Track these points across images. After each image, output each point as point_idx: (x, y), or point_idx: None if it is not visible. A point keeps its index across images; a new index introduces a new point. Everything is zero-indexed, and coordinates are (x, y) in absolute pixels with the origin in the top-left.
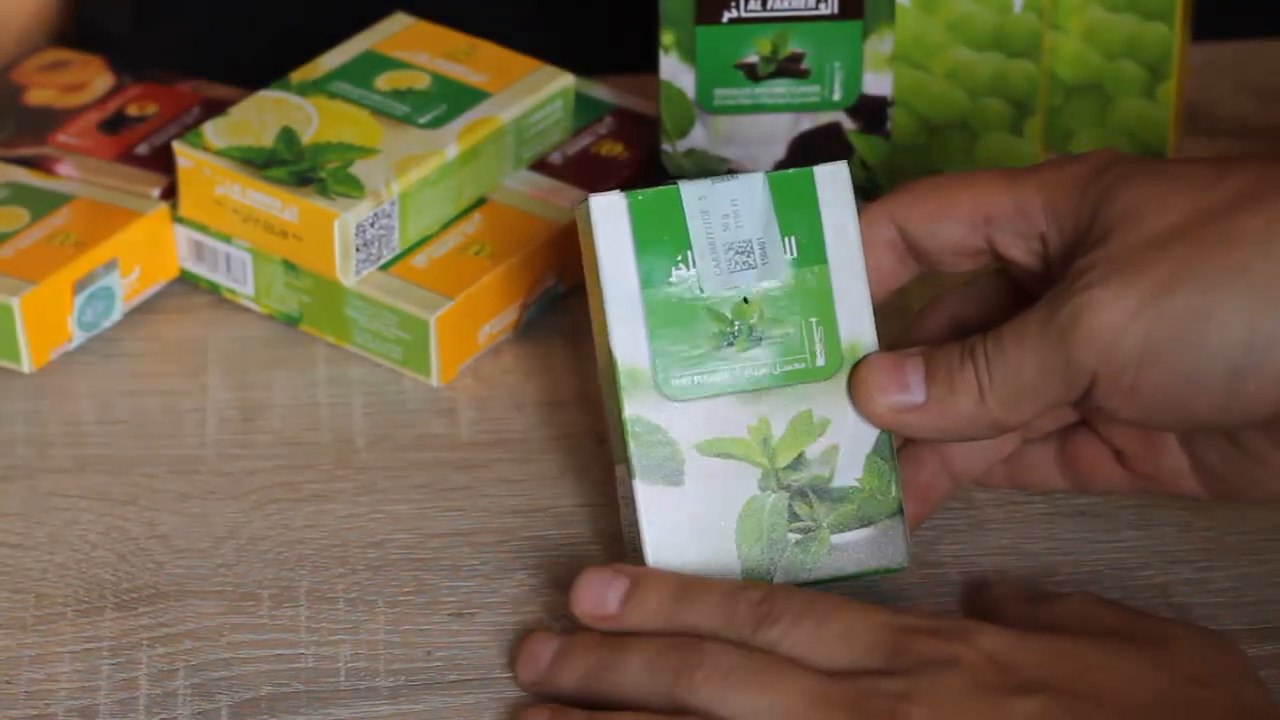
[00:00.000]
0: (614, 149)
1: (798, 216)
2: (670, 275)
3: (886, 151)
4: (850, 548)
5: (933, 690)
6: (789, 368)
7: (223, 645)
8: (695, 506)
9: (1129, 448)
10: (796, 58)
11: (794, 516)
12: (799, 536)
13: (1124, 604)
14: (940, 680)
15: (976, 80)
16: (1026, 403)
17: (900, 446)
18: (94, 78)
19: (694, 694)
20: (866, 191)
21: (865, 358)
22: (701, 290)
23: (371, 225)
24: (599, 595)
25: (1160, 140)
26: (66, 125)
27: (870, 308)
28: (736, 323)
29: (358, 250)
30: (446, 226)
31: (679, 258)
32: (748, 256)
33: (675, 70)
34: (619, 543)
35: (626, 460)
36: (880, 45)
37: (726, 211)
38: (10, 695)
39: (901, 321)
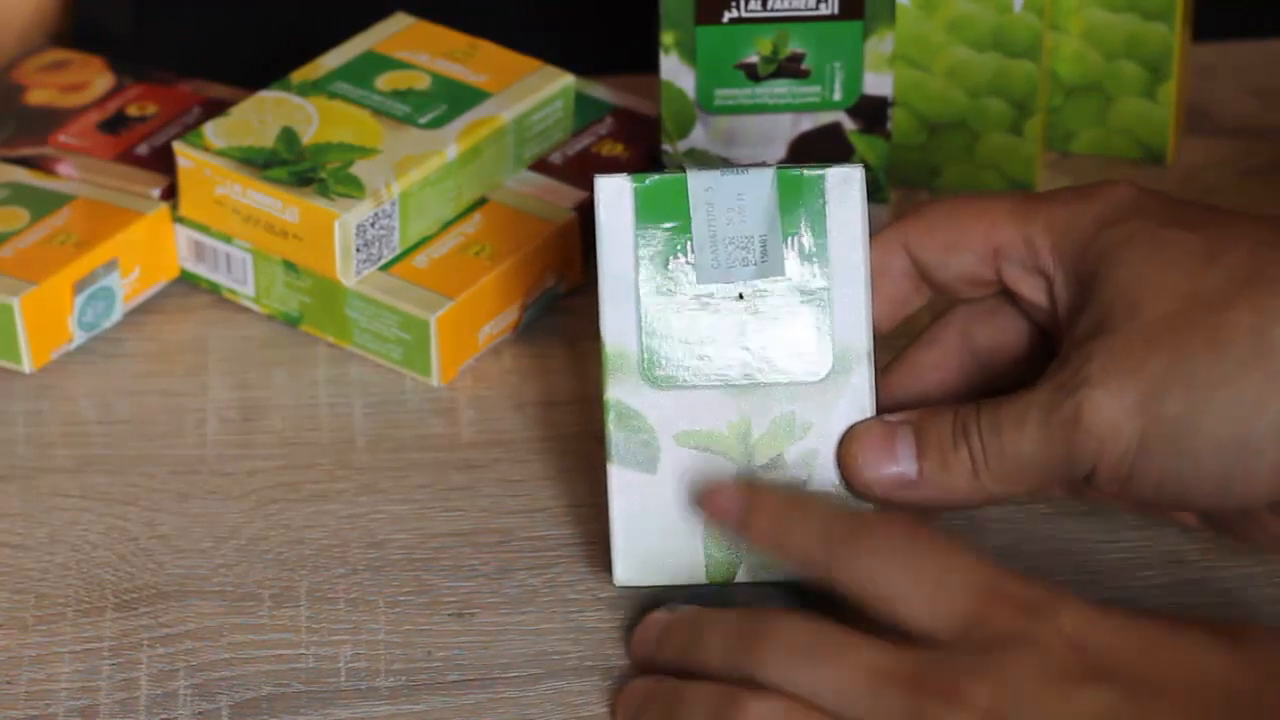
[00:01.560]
0: (614, 149)
1: (804, 217)
2: (668, 263)
3: (887, 152)
4: None
5: (1001, 670)
6: (776, 368)
7: (223, 645)
8: (666, 495)
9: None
10: (797, 58)
11: None
12: None
13: None
14: (1012, 660)
15: (977, 80)
16: (1022, 481)
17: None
18: (94, 78)
19: (763, 668)
20: (868, 192)
21: (853, 428)
22: (698, 279)
23: (372, 225)
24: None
25: (1160, 140)
26: (67, 125)
27: (868, 317)
28: (729, 320)
29: (358, 250)
30: (447, 227)
31: (678, 246)
32: (747, 252)
33: (676, 70)
34: None
35: (605, 442)
36: (880, 45)
37: (731, 205)
38: (11, 695)
39: (909, 332)
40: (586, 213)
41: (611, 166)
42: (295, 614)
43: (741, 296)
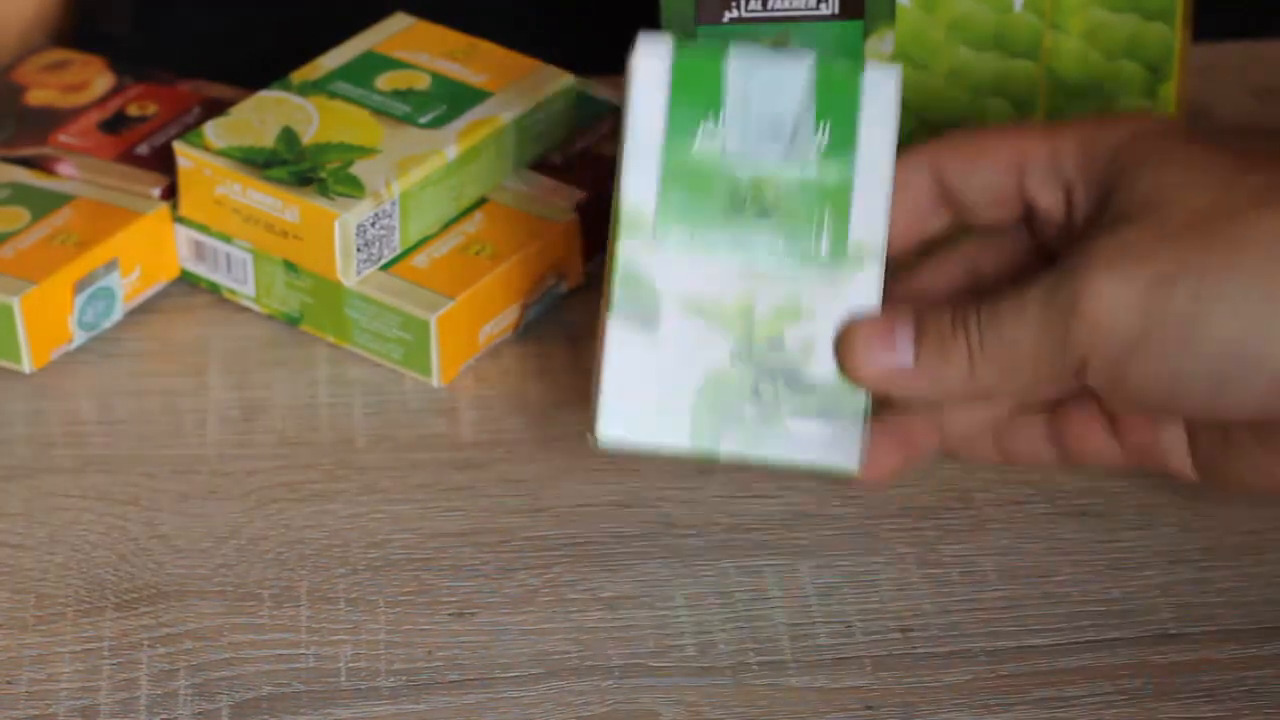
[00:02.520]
0: (615, 149)
1: (837, 107)
2: (697, 132)
3: None
4: (803, 435)
5: None
6: (791, 250)
7: (223, 645)
8: (662, 356)
9: (1126, 417)
10: None
11: (756, 394)
12: (754, 411)
13: None
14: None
15: (977, 80)
16: (1017, 375)
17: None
18: (94, 78)
19: None
20: None
21: (857, 318)
22: (724, 152)
23: (372, 225)
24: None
25: None
26: (67, 125)
27: (886, 215)
28: (749, 196)
29: (358, 250)
30: (447, 226)
31: (709, 115)
32: (778, 130)
33: None
34: (623, 542)
35: (608, 298)
36: (880, 45)
37: (767, 83)
38: (11, 695)
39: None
40: (587, 212)
41: (611, 166)
42: (295, 614)
43: (765, 179)
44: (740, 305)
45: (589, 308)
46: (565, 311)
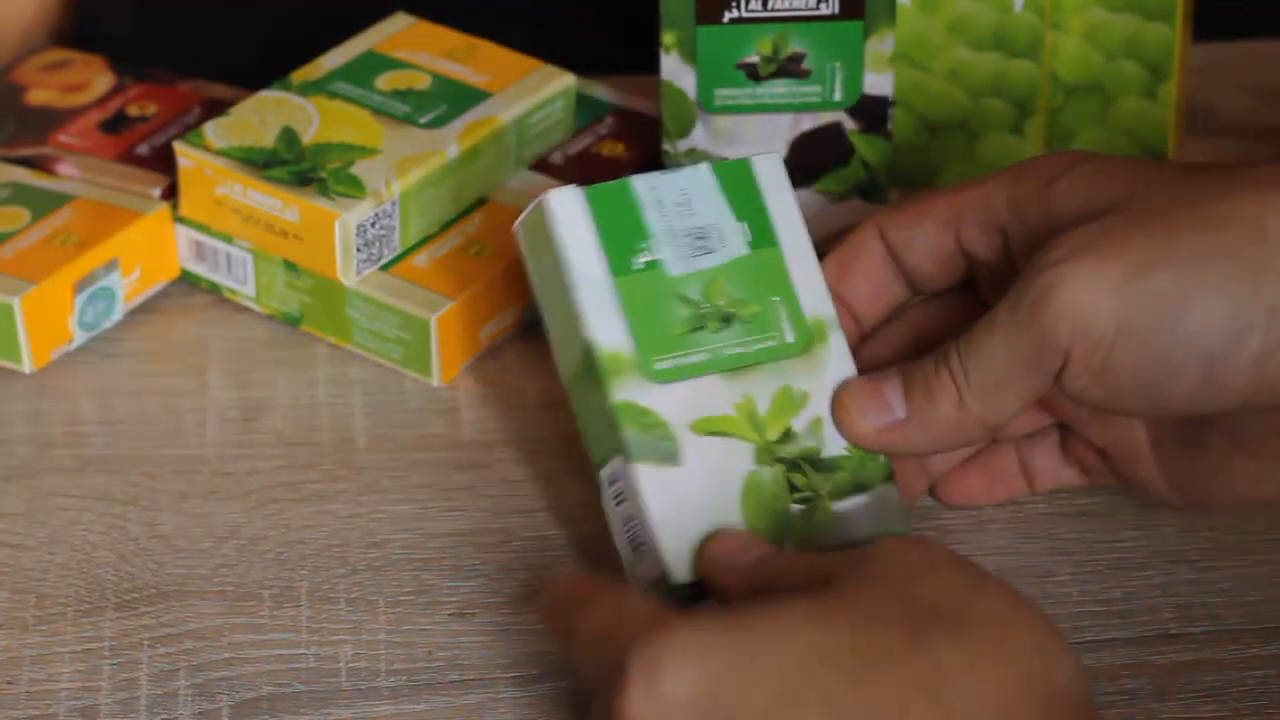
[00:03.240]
0: (614, 149)
1: (744, 202)
2: (633, 262)
3: (887, 151)
4: (851, 515)
5: None
6: (762, 345)
7: (224, 645)
8: (697, 484)
9: (1107, 449)
10: (797, 58)
11: (793, 488)
12: (802, 507)
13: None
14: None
15: (977, 80)
16: (1004, 395)
17: None
18: (94, 78)
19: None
20: (867, 191)
21: (844, 383)
22: (666, 275)
23: (372, 225)
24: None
25: (1160, 140)
26: (67, 125)
27: (825, 286)
28: (705, 304)
29: (358, 250)
30: (447, 227)
31: (640, 246)
32: (706, 240)
33: (676, 70)
34: None
35: (620, 448)
36: (881, 45)
37: (679, 200)
38: (11, 695)
39: None
40: None
41: (612, 166)
42: (295, 614)
43: (710, 284)
44: (743, 412)
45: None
46: None
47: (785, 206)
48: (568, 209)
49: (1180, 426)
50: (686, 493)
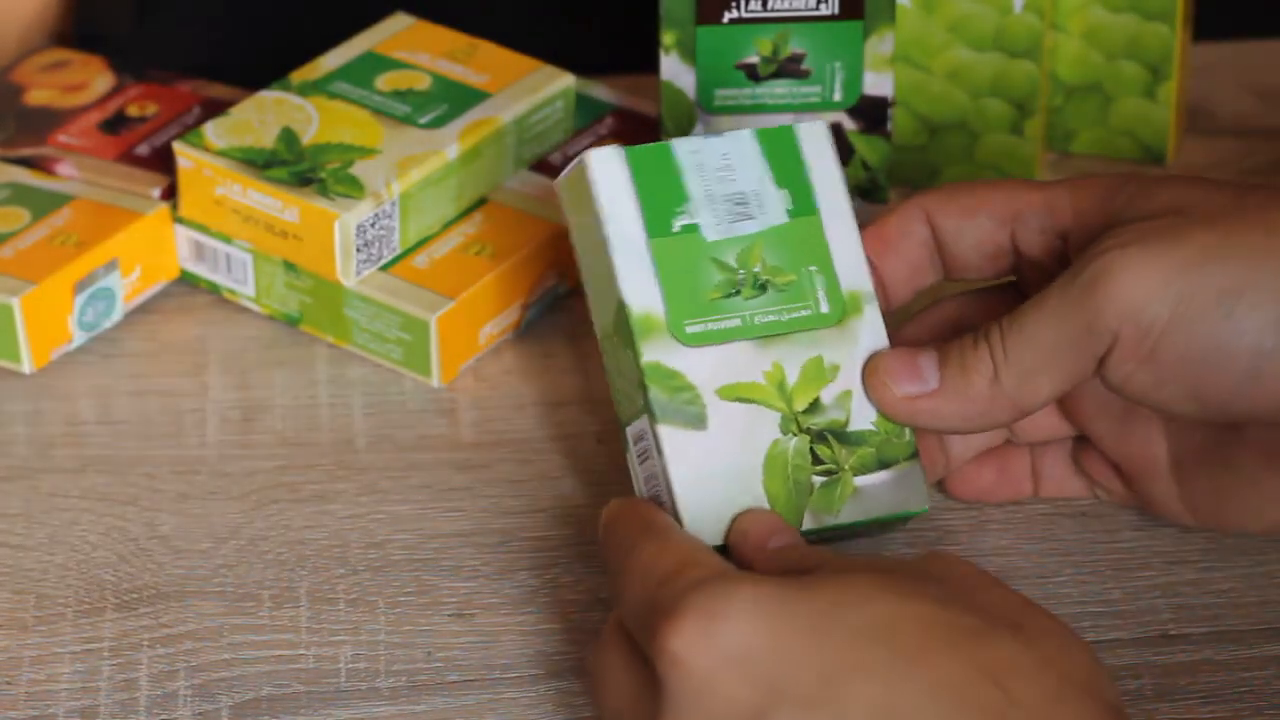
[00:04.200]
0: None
1: (786, 170)
2: (672, 224)
3: (887, 152)
4: (873, 490)
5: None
6: (795, 314)
7: (223, 646)
8: (721, 449)
9: (1123, 465)
10: (797, 58)
11: (817, 460)
12: (823, 479)
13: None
14: (677, 703)
15: (977, 80)
16: (1042, 378)
17: None
18: (94, 78)
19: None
20: (867, 191)
21: (879, 351)
22: (704, 240)
23: (372, 225)
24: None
25: (1160, 140)
26: (67, 125)
27: (864, 258)
28: (741, 271)
29: (358, 250)
30: (447, 227)
31: (679, 209)
32: (745, 207)
33: (676, 70)
34: None
35: (646, 408)
36: (881, 45)
37: (720, 165)
38: (11, 696)
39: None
40: None
41: None
42: (295, 614)
43: (748, 249)
44: (773, 379)
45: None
46: (565, 311)
47: (828, 175)
48: (608, 168)
49: (1205, 444)
50: (709, 458)
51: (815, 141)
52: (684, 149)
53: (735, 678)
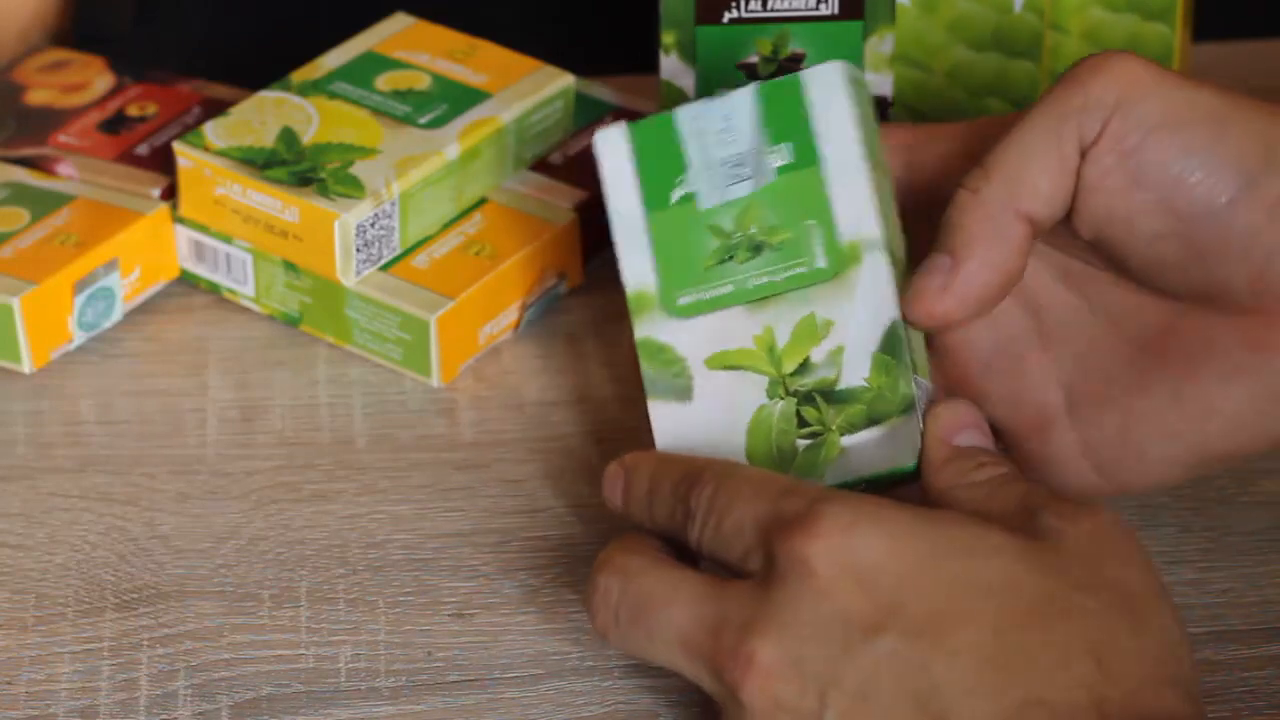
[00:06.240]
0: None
1: (790, 123)
2: (670, 196)
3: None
4: (860, 448)
5: (783, 628)
6: (790, 272)
7: (223, 646)
8: (705, 421)
9: (1013, 425)
10: (797, 58)
11: (803, 422)
12: (808, 442)
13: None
14: (791, 611)
15: (977, 80)
16: (1031, 167)
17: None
18: (94, 78)
19: (597, 625)
20: None
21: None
22: (700, 207)
23: (372, 225)
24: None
25: None
26: (66, 125)
27: (876, 207)
28: (736, 234)
29: (358, 250)
30: (447, 227)
31: (677, 180)
32: (741, 168)
33: (676, 70)
34: None
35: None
36: (880, 45)
37: (720, 128)
38: (10, 696)
39: None
40: (586, 213)
41: None
42: (295, 614)
43: (743, 211)
44: (763, 343)
45: (589, 308)
46: (565, 311)
47: (837, 121)
48: (612, 147)
49: (1113, 371)
50: (692, 430)
51: (825, 87)
52: (685, 116)
53: (857, 589)
